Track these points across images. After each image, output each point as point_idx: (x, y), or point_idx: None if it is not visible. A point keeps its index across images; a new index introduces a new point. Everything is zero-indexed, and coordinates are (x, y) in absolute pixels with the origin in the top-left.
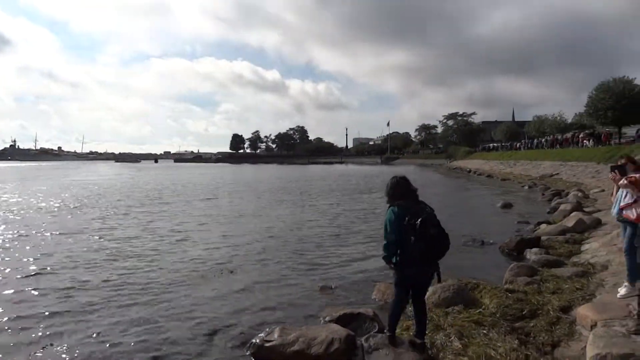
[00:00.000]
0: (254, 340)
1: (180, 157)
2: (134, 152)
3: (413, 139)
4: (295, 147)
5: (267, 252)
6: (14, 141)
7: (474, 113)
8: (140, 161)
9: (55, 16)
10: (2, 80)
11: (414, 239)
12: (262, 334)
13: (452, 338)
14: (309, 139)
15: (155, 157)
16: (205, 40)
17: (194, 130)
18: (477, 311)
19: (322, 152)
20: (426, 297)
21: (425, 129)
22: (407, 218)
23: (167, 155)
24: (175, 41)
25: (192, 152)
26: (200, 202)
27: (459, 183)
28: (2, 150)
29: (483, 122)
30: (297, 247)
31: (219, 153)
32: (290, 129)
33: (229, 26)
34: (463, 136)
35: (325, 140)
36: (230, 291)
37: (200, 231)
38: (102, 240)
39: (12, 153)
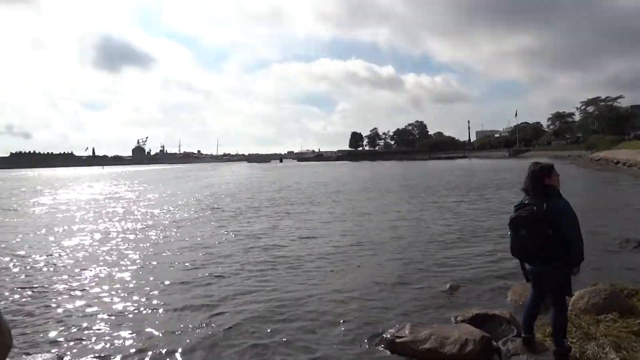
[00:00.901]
0: (385, 335)
1: (302, 157)
2: (260, 153)
3: (545, 129)
4: (414, 143)
5: (392, 249)
6: (163, 147)
7: (620, 97)
8: (270, 161)
9: (189, 33)
10: (150, 93)
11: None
12: (392, 330)
13: (607, 349)
14: (429, 134)
15: (280, 157)
16: (319, 41)
17: (313, 130)
18: (638, 321)
19: (443, 147)
20: (571, 301)
21: (559, 117)
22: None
23: (290, 154)
24: (291, 45)
25: (313, 151)
26: (324, 200)
27: (606, 176)
28: (155, 155)
29: (632, 106)
30: (423, 244)
31: (338, 151)
32: (409, 124)
33: (341, 25)
34: (606, 123)
35: (446, 135)
36: (358, 286)
37: (325, 228)
38: (234, 234)
39: (162, 157)
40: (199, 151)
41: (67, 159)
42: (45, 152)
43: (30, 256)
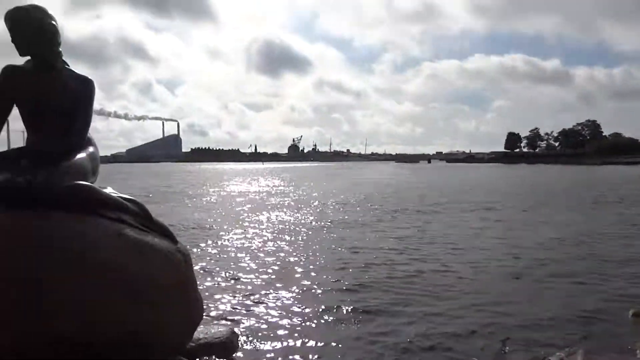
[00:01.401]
0: (550, 358)
1: (452, 157)
2: (408, 152)
3: None
4: (584, 145)
5: (556, 263)
6: (315, 145)
7: None
8: (418, 161)
9: (342, 36)
10: (305, 95)
11: None
12: (560, 353)
13: None
14: (603, 134)
15: (428, 158)
16: (474, 36)
17: (464, 130)
18: None
19: (621, 150)
20: None
21: None
22: None
23: (438, 155)
24: (443, 42)
25: (463, 152)
26: (475, 206)
27: None
28: (307, 152)
29: None
30: (593, 259)
31: (492, 153)
32: (578, 124)
33: (498, 18)
34: None
35: (626, 136)
36: (516, 299)
37: (476, 235)
38: (378, 237)
39: (314, 155)
40: (348, 150)
41: (234, 155)
42: (217, 149)
43: (210, 236)
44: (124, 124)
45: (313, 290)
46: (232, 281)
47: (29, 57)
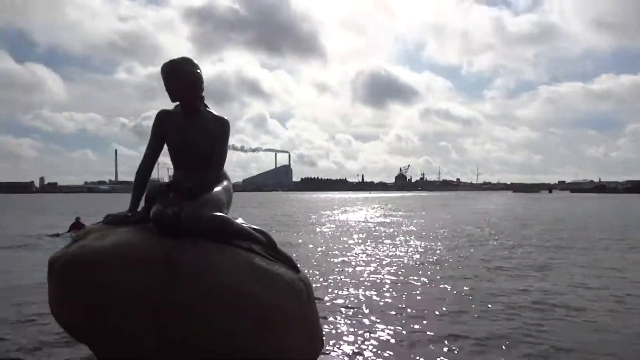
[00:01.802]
0: None
1: (577, 187)
2: (525, 182)
3: None
4: None
5: None
6: (423, 174)
7: None
8: (538, 191)
9: (450, 63)
10: (411, 124)
11: None
12: None
13: None
14: None
15: (549, 187)
16: (599, 56)
17: (591, 157)
18: None
19: None
20: None
21: None
22: None
23: (561, 185)
24: (562, 64)
25: (591, 181)
26: (615, 243)
27: None
28: (415, 182)
29: None
30: None
31: (627, 182)
32: None
33: (626, 34)
34: None
35: None
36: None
37: (621, 279)
38: (496, 274)
39: (422, 184)
40: (457, 179)
41: (341, 185)
42: (325, 178)
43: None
44: (240, 156)
45: (425, 329)
46: (347, 312)
47: (177, 102)
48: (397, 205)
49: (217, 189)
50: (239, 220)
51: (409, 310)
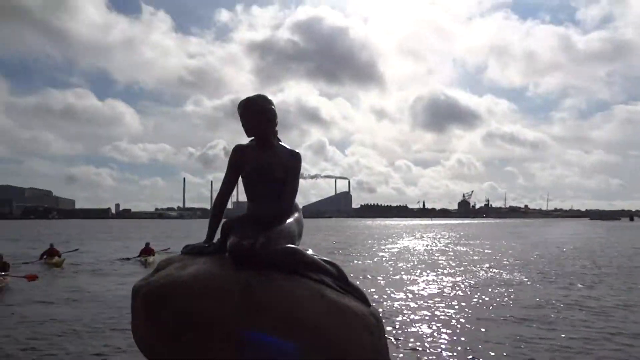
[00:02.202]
0: None
1: None
2: (602, 208)
3: None
4: None
5: None
6: (488, 200)
7: None
8: (619, 219)
9: (514, 85)
10: (473, 148)
11: None
12: None
13: None
14: None
15: (630, 215)
16: None
17: None
18: None
19: None
20: None
21: None
22: None
23: None
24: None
25: None
26: None
27: None
28: (479, 208)
29: None
30: None
31: None
32: None
33: None
34: None
35: None
36: None
37: None
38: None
39: (487, 211)
40: (525, 206)
41: (402, 211)
42: (385, 205)
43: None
44: (300, 183)
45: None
46: (414, 344)
47: (252, 137)
48: (461, 233)
49: (290, 220)
50: (310, 252)
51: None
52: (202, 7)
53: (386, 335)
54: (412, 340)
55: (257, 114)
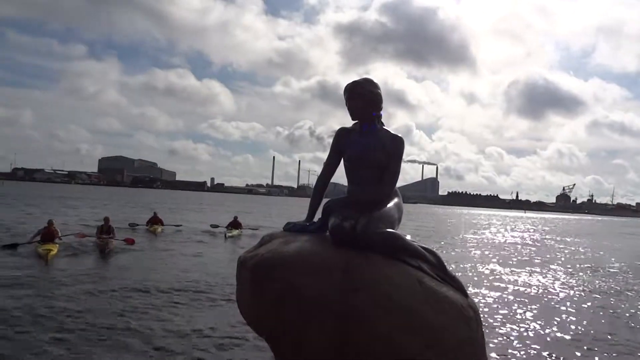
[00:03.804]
0: None
1: None
2: None
3: None
4: None
5: None
6: (591, 196)
7: None
8: None
9: (626, 70)
10: (576, 138)
11: None
12: None
13: None
14: None
15: None
16: None
17: None
18: None
19: None
20: None
21: None
22: None
23: None
24: None
25: None
26: None
27: None
28: (580, 204)
29: None
30: None
31: None
32: None
33: None
34: None
35: None
36: None
37: None
38: None
39: (589, 207)
40: (638, 204)
41: (492, 201)
42: (474, 193)
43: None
44: None
45: None
46: (511, 343)
47: (357, 121)
48: (558, 229)
49: (390, 205)
50: (408, 238)
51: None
52: None
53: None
54: (501, 339)
55: (362, 97)
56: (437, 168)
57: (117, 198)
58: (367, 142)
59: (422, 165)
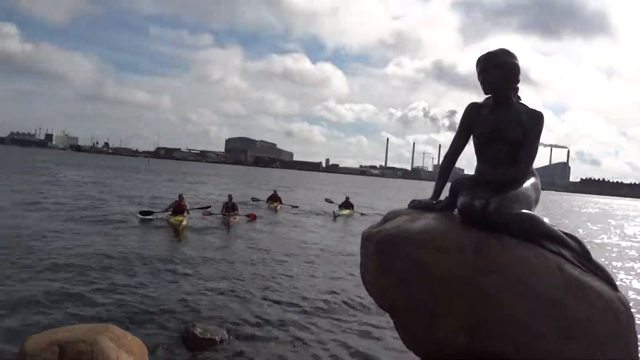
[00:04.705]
0: None
1: None
2: None
3: None
4: None
5: None
6: None
7: None
8: None
9: None
10: None
11: None
12: None
13: None
14: None
15: None
16: None
17: None
18: None
19: None
20: None
21: None
22: None
23: None
24: None
25: None
26: None
27: None
28: None
29: None
30: None
31: None
32: None
33: None
34: None
35: None
36: None
37: None
38: None
39: None
40: None
41: (636, 190)
42: (614, 181)
43: None
44: None
45: None
46: None
47: (489, 95)
48: None
49: (526, 185)
50: (546, 221)
51: None
52: None
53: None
54: None
55: (498, 68)
56: (568, 152)
57: (241, 175)
58: (501, 117)
59: (550, 149)
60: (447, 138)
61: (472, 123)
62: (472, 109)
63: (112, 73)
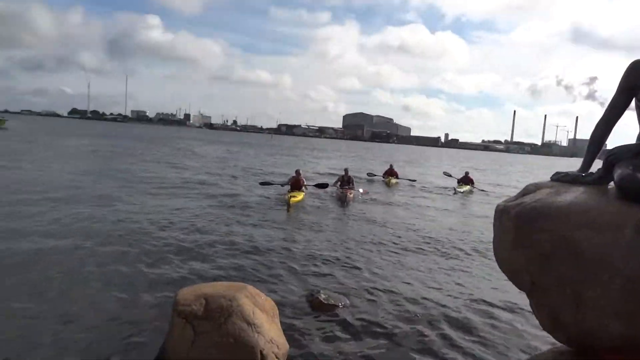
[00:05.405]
0: None
1: None
2: None
3: None
4: None
5: None
6: None
7: None
8: None
9: None
10: None
11: None
12: None
13: None
14: None
15: None
16: None
17: None
18: None
19: None
20: None
21: None
22: None
23: None
24: None
25: None
26: None
27: None
28: None
29: None
30: None
31: None
32: None
33: None
34: None
35: None
36: None
37: None
38: None
39: None
40: None
41: None
42: None
43: None
44: None
45: None
46: None
47: None
48: None
49: None
50: None
51: None
52: None
53: None
54: None
55: None
56: None
57: (357, 151)
58: None
59: None
60: (584, 109)
61: (635, 84)
62: (636, 66)
63: (237, 56)
